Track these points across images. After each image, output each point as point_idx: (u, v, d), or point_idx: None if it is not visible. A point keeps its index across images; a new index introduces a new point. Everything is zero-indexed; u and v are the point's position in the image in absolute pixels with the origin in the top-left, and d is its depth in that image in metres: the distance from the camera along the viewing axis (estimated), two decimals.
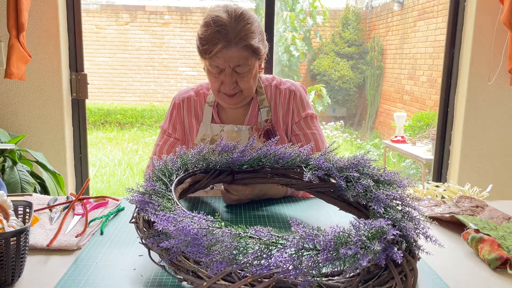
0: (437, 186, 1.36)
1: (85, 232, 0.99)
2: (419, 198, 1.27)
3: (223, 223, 0.73)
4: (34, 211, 1.09)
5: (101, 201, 1.19)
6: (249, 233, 0.71)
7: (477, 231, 0.97)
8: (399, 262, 0.69)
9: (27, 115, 2.24)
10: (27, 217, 0.90)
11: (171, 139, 1.48)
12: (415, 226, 0.79)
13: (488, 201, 1.25)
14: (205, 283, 0.68)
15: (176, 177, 0.99)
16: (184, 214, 0.77)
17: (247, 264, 0.67)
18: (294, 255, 0.67)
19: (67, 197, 1.24)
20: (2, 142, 1.93)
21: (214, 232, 0.71)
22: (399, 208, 0.85)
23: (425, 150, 4.08)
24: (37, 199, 1.22)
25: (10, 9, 1.90)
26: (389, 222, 0.75)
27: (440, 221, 1.13)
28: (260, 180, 1.16)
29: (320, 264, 0.66)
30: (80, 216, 1.08)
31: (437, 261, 0.91)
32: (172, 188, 0.93)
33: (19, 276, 0.81)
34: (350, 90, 7.89)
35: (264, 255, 0.68)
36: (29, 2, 2.00)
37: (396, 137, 4.56)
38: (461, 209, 1.15)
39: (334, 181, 1.02)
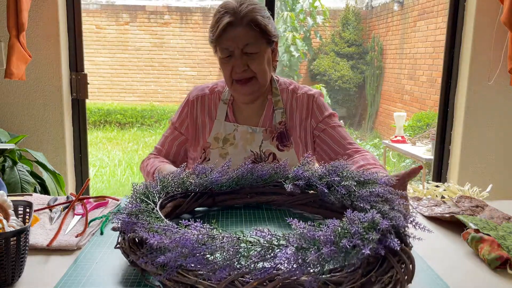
0: (437, 186, 1.36)
1: (85, 232, 0.99)
2: (419, 198, 1.27)
3: (220, 229, 0.73)
4: (34, 211, 1.09)
5: (101, 201, 1.19)
6: (248, 236, 0.71)
7: (477, 231, 0.97)
8: (397, 249, 0.71)
9: (27, 115, 2.24)
10: (27, 217, 0.90)
11: (176, 132, 1.49)
12: (404, 215, 0.81)
13: (488, 201, 1.25)
14: None
15: (159, 199, 0.97)
16: (176, 227, 0.75)
17: (251, 268, 0.67)
18: (297, 253, 0.67)
19: (67, 197, 1.24)
20: (2, 142, 1.93)
21: (214, 239, 0.70)
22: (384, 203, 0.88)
23: (425, 150, 4.08)
24: (37, 199, 1.22)
25: (10, 9, 1.90)
26: (379, 214, 0.76)
27: (440, 221, 1.13)
28: (240, 200, 1.15)
29: (324, 259, 0.67)
30: (80, 216, 1.08)
31: (437, 261, 0.91)
32: (158, 208, 0.90)
33: (19, 276, 0.81)
34: (350, 90, 7.89)
35: (268, 256, 0.67)
36: (29, 2, 2.00)
37: (396, 137, 4.56)
38: (461, 209, 1.15)
39: (315, 190, 1.04)
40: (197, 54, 7.98)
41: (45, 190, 1.90)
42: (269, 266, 0.67)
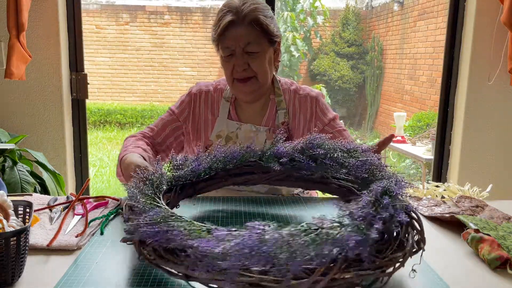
0: (437, 186, 1.36)
1: (85, 232, 0.99)
2: (419, 198, 1.27)
3: (275, 224, 0.72)
4: (34, 211, 1.09)
5: (101, 201, 1.19)
6: (305, 226, 0.72)
7: (477, 231, 0.97)
8: (413, 211, 0.82)
9: (27, 115, 2.24)
10: (27, 217, 0.90)
11: (174, 117, 1.48)
12: (400, 180, 0.89)
13: (488, 201, 1.25)
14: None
15: (160, 200, 0.92)
16: (225, 229, 0.73)
17: (317, 254, 0.67)
18: (358, 231, 0.70)
19: (67, 197, 1.24)
20: (2, 142, 1.93)
21: (280, 235, 0.69)
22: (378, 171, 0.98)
23: (425, 150, 4.08)
24: (37, 199, 1.22)
25: (10, 9, 1.90)
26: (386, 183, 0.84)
27: (440, 221, 1.13)
28: (217, 185, 1.13)
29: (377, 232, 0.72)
30: (80, 216, 1.08)
31: (437, 260, 0.91)
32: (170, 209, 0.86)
33: (19, 276, 0.81)
34: (350, 90, 7.89)
35: (334, 240, 0.69)
36: (29, 2, 2.00)
37: (396, 137, 4.56)
38: (461, 209, 1.15)
39: (301, 166, 1.07)
40: (197, 54, 7.98)
41: (45, 190, 1.90)
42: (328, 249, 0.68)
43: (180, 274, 0.73)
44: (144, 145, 1.39)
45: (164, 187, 1.00)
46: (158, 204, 0.86)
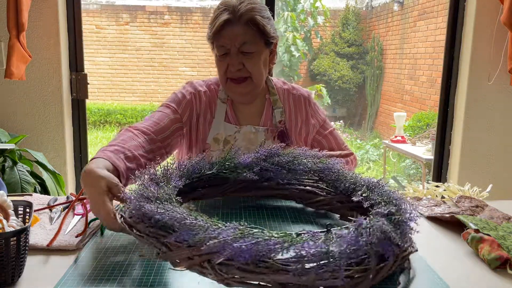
0: (437, 186, 1.36)
1: (85, 232, 0.99)
2: (419, 198, 1.27)
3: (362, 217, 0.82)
4: (34, 211, 1.09)
5: None
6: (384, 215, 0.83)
7: (477, 231, 0.97)
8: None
9: (27, 115, 2.24)
10: (27, 217, 0.90)
11: (177, 116, 1.36)
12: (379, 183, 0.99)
13: (488, 201, 1.25)
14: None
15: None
16: (309, 231, 0.75)
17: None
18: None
19: (67, 197, 1.24)
20: (2, 142, 1.93)
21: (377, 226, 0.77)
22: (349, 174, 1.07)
23: (425, 150, 4.08)
24: (37, 199, 1.22)
25: (10, 9, 1.90)
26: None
27: (440, 221, 1.13)
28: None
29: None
30: (80, 216, 1.08)
31: (437, 260, 0.91)
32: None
33: (19, 276, 0.81)
34: (350, 90, 7.89)
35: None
36: (29, 2, 2.00)
37: (396, 137, 4.56)
38: (461, 209, 1.15)
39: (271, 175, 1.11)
40: (197, 54, 7.98)
41: (45, 190, 1.90)
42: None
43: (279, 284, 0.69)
44: (134, 149, 1.15)
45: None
46: (213, 220, 0.77)
